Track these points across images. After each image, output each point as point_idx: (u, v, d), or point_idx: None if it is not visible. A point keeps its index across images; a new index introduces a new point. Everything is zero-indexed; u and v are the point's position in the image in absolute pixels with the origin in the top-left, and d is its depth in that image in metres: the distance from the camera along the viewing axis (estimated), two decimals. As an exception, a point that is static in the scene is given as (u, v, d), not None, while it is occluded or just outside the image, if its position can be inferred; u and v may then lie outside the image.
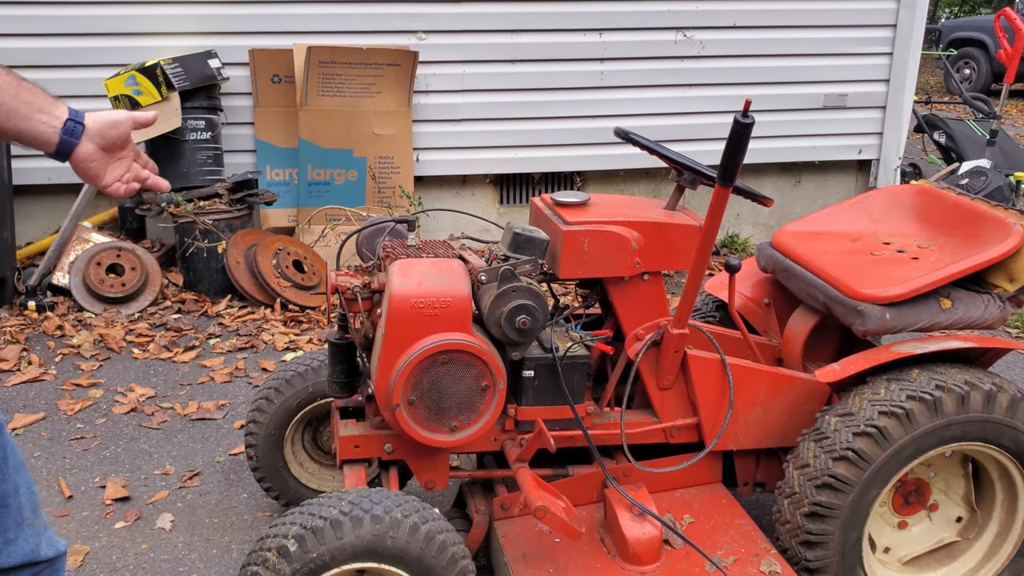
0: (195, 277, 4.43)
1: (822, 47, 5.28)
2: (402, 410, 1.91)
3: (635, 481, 2.25)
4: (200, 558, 2.49)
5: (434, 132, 4.94)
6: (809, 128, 5.42)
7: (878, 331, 2.17)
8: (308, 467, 2.61)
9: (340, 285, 2.04)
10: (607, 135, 4.97)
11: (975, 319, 2.21)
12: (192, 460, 3.00)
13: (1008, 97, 10.34)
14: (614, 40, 5.00)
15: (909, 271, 2.23)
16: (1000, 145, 5.85)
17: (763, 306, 2.62)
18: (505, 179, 5.22)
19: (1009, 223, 2.21)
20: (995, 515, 2.24)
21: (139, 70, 4.24)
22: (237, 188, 4.52)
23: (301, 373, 2.46)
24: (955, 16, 20.40)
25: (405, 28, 4.76)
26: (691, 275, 2.07)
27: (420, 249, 2.11)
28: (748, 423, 2.26)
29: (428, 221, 5.06)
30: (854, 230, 2.54)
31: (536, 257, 2.03)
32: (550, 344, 2.08)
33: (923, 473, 2.20)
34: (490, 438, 2.14)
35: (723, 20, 5.10)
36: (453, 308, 1.90)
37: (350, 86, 4.59)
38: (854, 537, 2.05)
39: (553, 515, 1.88)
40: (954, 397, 2.01)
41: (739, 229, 5.58)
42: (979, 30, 12.59)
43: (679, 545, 2.13)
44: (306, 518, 1.70)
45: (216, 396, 3.45)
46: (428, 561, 1.72)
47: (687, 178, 2.23)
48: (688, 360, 2.20)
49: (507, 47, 4.89)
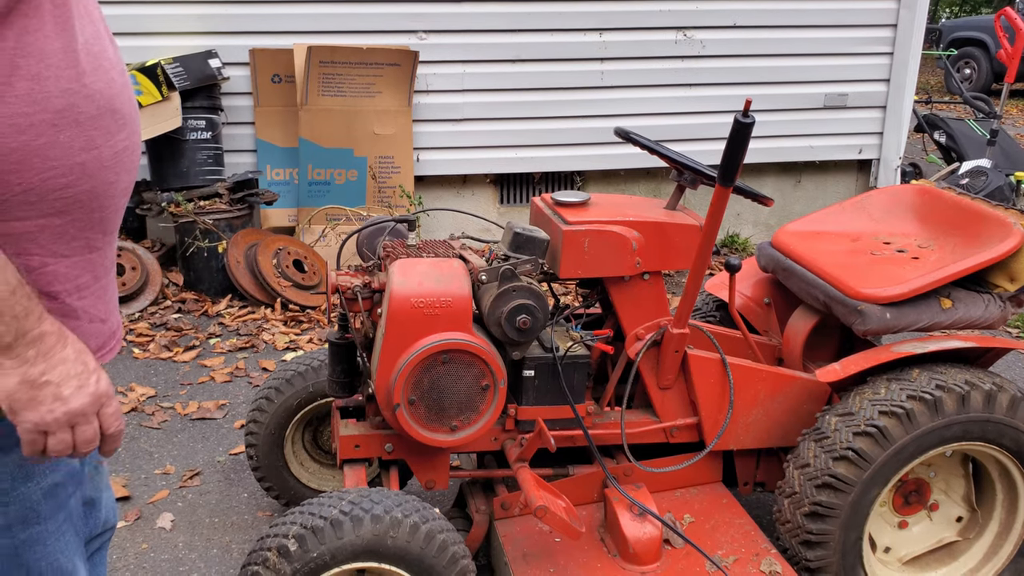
0: (195, 277, 4.43)
1: (822, 47, 5.28)
2: (402, 410, 1.91)
3: (635, 481, 2.25)
4: (200, 558, 2.49)
5: (434, 132, 4.94)
6: (809, 128, 5.41)
7: (878, 331, 2.17)
8: (308, 467, 2.61)
9: (340, 285, 2.04)
10: (607, 135, 4.97)
11: (975, 319, 2.21)
12: (192, 460, 3.00)
13: (1008, 97, 10.33)
14: (614, 40, 5.00)
15: (909, 271, 2.23)
16: (1000, 145, 5.85)
17: (763, 306, 2.62)
18: (505, 179, 5.22)
19: (1009, 223, 2.21)
20: (995, 515, 2.24)
21: (139, 70, 4.24)
22: (237, 188, 4.53)
23: (301, 373, 2.47)
24: (955, 16, 20.39)
25: (405, 28, 4.76)
26: (691, 275, 2.07)
27: (420, 249, 2.11)
28: (748, 423, 2.26)
29: (428, 221, 5.06)
30: (854, 230, 2.54)
31: (536, 257, 2.03)
32: (550, 344, 2.08)
33: (923, 473, 2.20)
34: (490, 438, 2.14)
35: (723, 20, 5.10)
36: (453, 308, 1.90)
37: (350, 86, 4.59)
38: (854, 537, 2.05)
39: (553, 515, 1.88)
40: (954, 397, 2.01)
41: (739, 229, 5.58)
42: (979, 30, 12.58)
43: (679, 545, 2.13)
44: (306, 518, 1.71)
45: (216, 396, 3.45)
46: (428, 561, 1.72)
47: (687, 178, 2.23)
48: (688, 360, 2.20)
49: (507, 47, 4.89)
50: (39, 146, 1.04)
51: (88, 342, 1.15)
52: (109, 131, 1.13)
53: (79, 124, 1.08)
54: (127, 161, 1.17)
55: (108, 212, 1.17)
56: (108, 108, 1.12)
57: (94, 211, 1.13)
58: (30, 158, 1.03)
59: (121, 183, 1.18)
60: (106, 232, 1.18)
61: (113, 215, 1.19)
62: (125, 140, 1.16)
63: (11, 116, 1.01)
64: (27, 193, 1.04)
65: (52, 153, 1.05)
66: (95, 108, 1.10)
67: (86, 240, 1.14)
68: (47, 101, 1.04)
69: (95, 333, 1.19)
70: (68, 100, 1.06)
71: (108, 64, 1.14)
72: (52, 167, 1.06)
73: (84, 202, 1.11)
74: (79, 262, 1.15)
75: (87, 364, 1.08)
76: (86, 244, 1.15)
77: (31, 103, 1.02)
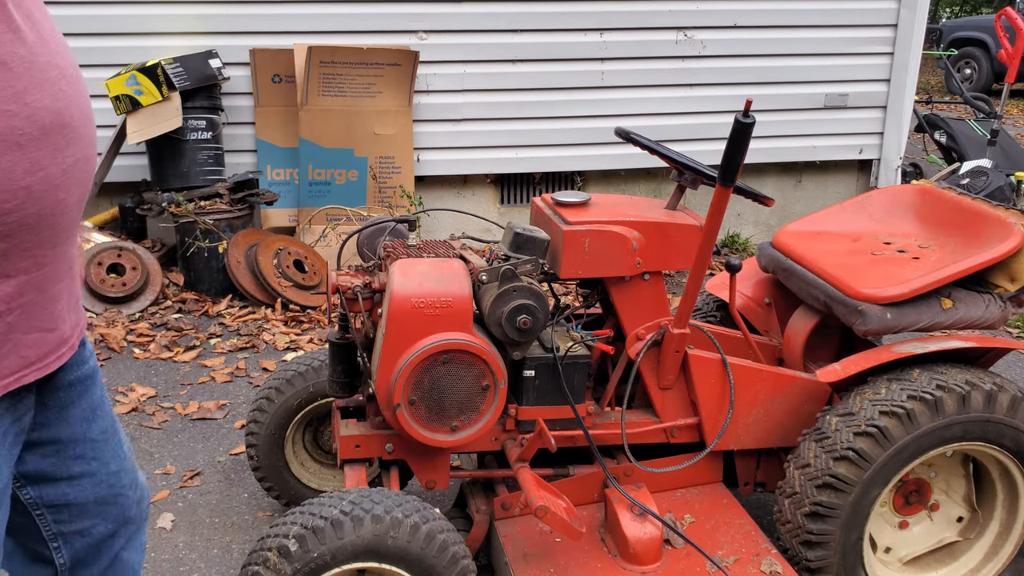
0: (196, 277, 4.43)
1: (823, 47, 5.28)
2: (403, 410, 1.91)
3: (636, 481, 2.25)
4: (201, 558, 2.49)
5: (435, 132, 4.94)
6: (810, 128, 5.41)
7: (879, 331, 2.17)
8: (309, 467, 2.61)
9: (341, 285, 2.04)
10: (608, 135, 4.98)
11: (976, 319, 2.21)
12: (193, 460, 3.00)
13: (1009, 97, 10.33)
14: (614, 40, 5.00)
15: (910, 271, 2.23)
16: (1001, 145, 5.85)
17: (764, 306, 2.62)
18: (506, 179, 5.22)
19: (1010, 223, 2.21)
20: (996, 515, 2.24)
21: (140, 70, 4.24)
22: (238, 188, 4.53)
23: (302, 373, 2.47)
24: (956, 16, 20.39)
25: (406, 28, 4.76)
26: (692, 275, 2.07)
27: (421, 249, 2.12)
28: (749, 423, 2.26)
29: (429, 221, 5.06)
30: (855, 230, 2.54)
31: (537, 257, 2.03)
32: (551, 344, 2.08)
33: (924, 473, 2.20)
34: (491, 438, 2.14)
35: (724, 20, 5.10)
36: (454, 308, 1.90)
37: (351, 86, 4.59)
38: (855, 537, 2.05)
39: (554, 515, 1.88)
40: (955, 397, 2.01)
41: (740, 229, 5.58)
42: (980, 30, 12.58)
43: (680, 545, 2.13)
44: (307, 518, 1.71)
45: (217, 396, 3.45)
46: (429, 561, 1.72)
47: (688, 178, 2.23)
48: (689, 360, 2.20)
49: (507, 47, 4.89)
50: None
51: (27, 353, 1.15)
52: (56, 148, 1.08)
53: (21, 147, 1.02)
54: (79, 174, 1.13)
55: (59, 228, 1.13)
56: (56, 124, 1.07)
57: (42, 230, 1.09)
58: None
59: (72, 198, 1.13)
60: (56, 245, 1.14)
61: (65, 228, 1.14)
62: (76, 153, 1.11)
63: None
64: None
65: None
66: (38, 128, 1.05)
67: (33, 259, 1.11)
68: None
69: (36, 343, 1.17)
70: (7, 123, 1.01)
71: (56, 73, 1.08)
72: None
73: (31, 224, 1.07)
74: (24, 282, 1.11)
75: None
76: (34, 263, 1.11)
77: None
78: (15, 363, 1.14)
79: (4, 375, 1.13)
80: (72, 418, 1.34)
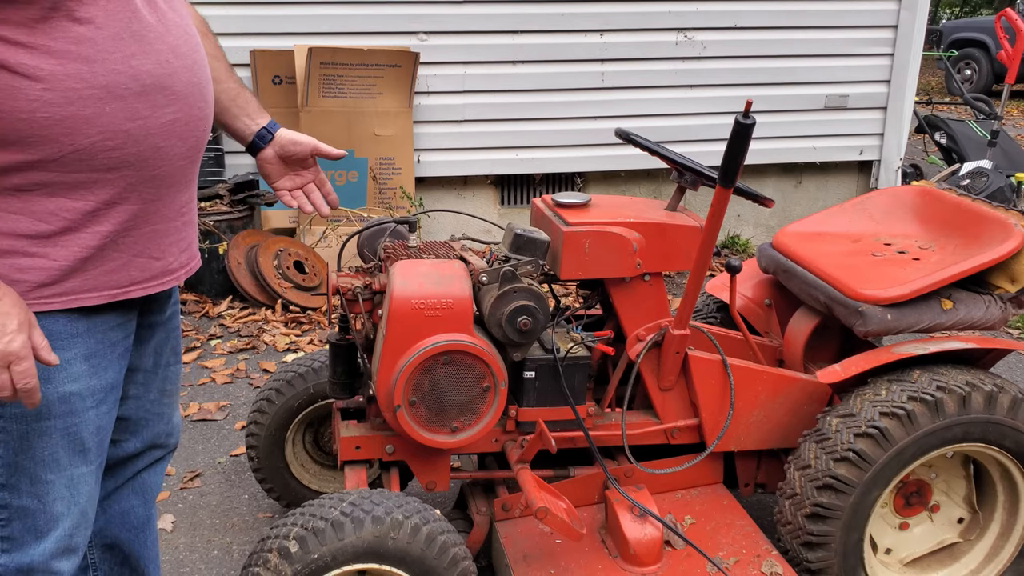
0: (196, 278, 4.42)
1: (823, 48, 5.28)
2: (403, 411, 1.91)
3: (636, 482, 2.25)
4: (201, 559, 2.49)
5: (435, 133, 4.94)
6: (810, 129, 5.41)
7: (879, 332, 2.17)
8: (309, 468, 2.61)
9: (341, 286, 2.04)
10: (608, 136, 4.97)
11: (976, 320, 2.21)
12: (193, 461, 3.00)
13: (1009, 98, 10.33)
14: (615, 41, 5.00)
15: (910, 272, 2.23)
16: (1001, 146, 5.85)
17: (764, 307, 2.62)
18: (506, 180, 5.22)
19: (1010, 224, 2.21)
20: (997, 516, 2.24)
21: (140, 71, 4.24)
22: (238, 189, 4.52)
23: (302, 374, 2.47)
24: (956, 17, 20.39)
25: (406, 29, 4.76)
26: (692, 276, 2.07)
27: (421, 250, 2.11)
28: (749, 424, 2.26)
29: (429, 222, 5.06)
30: (855, 231, 2.54)
31: (537, 258, 2.03)
32: (551, 345, 2.08)
33: (924, 474, 2.20)
34: (491, 439, 2.14)
35: (724, 21, 5.10)
36: (454, 309, 1.90)
37: (351, 87, 4.59)
38: (855, 538, 2.05)
39: (554, 516, 1.88)
40: (955, 398, 2.01)
41: (740, 230, 5.58)
42: (980, 31, 12.58)
43: (680, 546, 2.13)
44: (307, 519, 1.71)
45: (217, 397, 3.45)
46: (429, 562, 1.72)
47: (688, 179, 2.23)
48: (689, 361, 2.20)
49: (508, 48, 4.89)
50: (87, 115, 1.27)
51: (132, 273, 1.42)
52: (156, 104, 1.35)
53: (123, 99, 1.30)
54: (180, 130, 1.39)
55: (161, 172, 1.39)
56: (156, 86, 1.34)
57: (144, 170, 1.36)
58: (80, 125, 1.27)
59: (173, 148, 1.39)
60: (159, 187, 1.41)
61: (169, 175, 1.41)
62: (175, 113, 1.38)
63: (63, 91, 1.25)
64: (79, 152, 1.29)
65: (99, 122, 1.29)
66: (139, 86, 1.32)
67: (139, 195, 1.38)
68: (94, 79, 1.27)
69: (143, 267, 1.43)
70: (113, 79, 1.29)
71: (164, 47, 1.36)
72: (99, 132, 1.29)
73: (132, 163, 1.34)
74: (132, 211, 1.38)
75: (5, 326, 1.23)
76: (139, 197, 1.38)
77: (79, 80, 1.26)
78: (124, 278, 1.41)
79: (116, 286, 1.40)
80: (144, 351, 1.61)
